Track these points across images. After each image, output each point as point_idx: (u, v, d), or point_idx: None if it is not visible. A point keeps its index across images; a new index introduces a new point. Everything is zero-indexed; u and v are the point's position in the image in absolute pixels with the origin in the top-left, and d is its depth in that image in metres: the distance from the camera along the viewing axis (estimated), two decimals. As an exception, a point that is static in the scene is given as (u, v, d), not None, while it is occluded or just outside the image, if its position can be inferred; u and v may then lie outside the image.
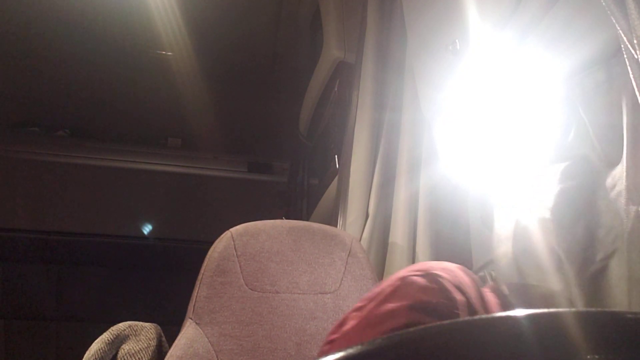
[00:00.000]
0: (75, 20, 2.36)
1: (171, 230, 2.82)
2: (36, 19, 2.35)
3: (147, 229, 2.78)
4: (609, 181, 0.77)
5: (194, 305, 1.08)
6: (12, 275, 2.66)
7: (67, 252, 2.72)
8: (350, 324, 0.69)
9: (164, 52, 2.56)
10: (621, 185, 0.72)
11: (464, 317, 0.62)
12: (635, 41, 0.58)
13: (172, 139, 3.15)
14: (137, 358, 0.95)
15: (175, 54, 2.54)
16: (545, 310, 0.36)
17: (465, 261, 1.28)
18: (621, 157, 0.73)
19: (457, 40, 1.06)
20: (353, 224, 1.45)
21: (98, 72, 2.66)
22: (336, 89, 1.95)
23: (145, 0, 2.19)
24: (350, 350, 0.33)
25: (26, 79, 2.73)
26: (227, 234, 1.15)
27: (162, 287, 2.76)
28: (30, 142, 2.73)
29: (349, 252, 1.15)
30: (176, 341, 1.09)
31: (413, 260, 1.34)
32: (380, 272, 1.38)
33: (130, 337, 0.95)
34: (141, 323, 1.01)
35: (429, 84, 1.29)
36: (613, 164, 0.77)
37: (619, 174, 0.74)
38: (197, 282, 1.12)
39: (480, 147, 1.15)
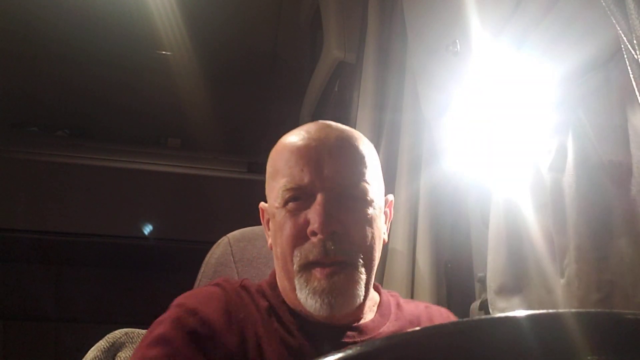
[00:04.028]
0: (74, 20, 2.35)
1: (171, 230, 2.81)
2: (36, 18, 2.34)
3: (147, 229, 2.77)
4: (614, 183, 0.77)
5: (191, 312, 1.07)
6: (11, 276, 2.65)
7: (67, 252, 2.71)
8: None
9: (164, 52, 2.56)
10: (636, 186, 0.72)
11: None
12: (635, 41, 0.58)
13: (172, 139, 3.14)
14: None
15: (175, 54, 2.53)
16: (546, 311, 0.36)
17: (465, 261, 1.28)
18: (623, 157, 0.73)
19: (457, 41, 1.06)
20: (353, 224, 1.45)
21: (98, 72, 2.65)
22: (336, 89, 1.95)
23: (145, 0, 2.19)
24: (349, 351, 0.33)
25: (26, 79, 2.73)
26: (224, 240, 1.14)
27: (162, 287, 2.74)
28: (29, 142, 2.72)
29: None
30: None
31: (413, 261, 1.33)
32: (380, 273, 1.38)
33: (127, 344, 0.94)
34: (138, 330, 1.00)
35: (429, 84, 1.29)
36: (615, 165, 0.77)
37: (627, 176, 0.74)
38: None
39: (481, 148, 1.15)
